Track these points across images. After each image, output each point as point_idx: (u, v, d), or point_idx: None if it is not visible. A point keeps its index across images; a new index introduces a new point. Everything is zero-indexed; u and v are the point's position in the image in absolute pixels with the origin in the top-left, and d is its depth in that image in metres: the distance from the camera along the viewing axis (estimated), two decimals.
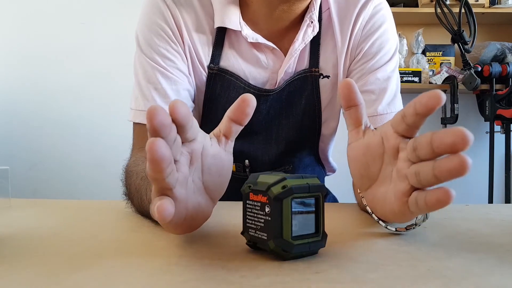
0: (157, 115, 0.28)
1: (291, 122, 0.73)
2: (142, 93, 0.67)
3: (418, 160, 0.33)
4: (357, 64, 0.70)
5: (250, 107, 0.37)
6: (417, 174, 0.33)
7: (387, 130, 0.37)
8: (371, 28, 0.69)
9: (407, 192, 0.35)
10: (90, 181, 2.12)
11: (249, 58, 0.69)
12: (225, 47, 0.69)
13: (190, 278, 0.30)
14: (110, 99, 2.14)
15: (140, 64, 0.68)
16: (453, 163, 0.29)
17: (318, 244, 0.35)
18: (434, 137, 0.31)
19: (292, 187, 0.33)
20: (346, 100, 0.39)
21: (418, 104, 0.33)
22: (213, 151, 0.37)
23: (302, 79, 0.70)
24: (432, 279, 0.30)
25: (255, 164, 0.76)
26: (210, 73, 0.69)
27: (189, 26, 0.67)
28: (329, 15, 0.70)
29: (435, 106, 0.32)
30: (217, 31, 0.68)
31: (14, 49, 2.18)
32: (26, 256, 0.36)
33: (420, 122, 0.34)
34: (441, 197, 0.30)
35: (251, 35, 0.66)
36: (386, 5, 0.72)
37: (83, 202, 0.67)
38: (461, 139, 0.29)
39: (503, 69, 1.93)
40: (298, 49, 0.68)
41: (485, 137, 2.11)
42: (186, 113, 0.31)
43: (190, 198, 0.35)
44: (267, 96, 0.70)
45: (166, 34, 0.66)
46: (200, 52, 0.68)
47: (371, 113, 0.68)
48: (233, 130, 0.39)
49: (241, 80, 0.69)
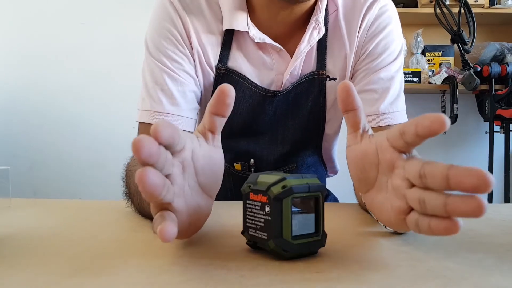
0: (142, 147, 0.28)
1: (297, 123, 0.74)
2: (149, 94, 0.68)
3: (424, 187, 0.32)
4: (361, 63, 0.71)
5: (229, 97, 0.37)
6: (421, 202, 0.31)
7: (382, 142, 0.36)
8: (376, 29, 0.70)
9: (405, 210, 0.34)
10: (90, 181, 2.12)
11: (256, 59, 0.70)
12: (232, 48, 0.70)
13: (190, 278, 0.30)
14: (110, 99, 2.15)
15: (148, 67, 0.69)
16: (470, 206, 0.28)
17: (318, 244, 0.35)
18: (452, 173, 0.29)
19: (292, 187, 0.33)
20: (345, 104, 0.38)
21: (421, 127, 0.32)
22: (203, 151, 0.38)
23: (309, 81, 0.71)
24: (432, 279, 0.30)
25: (260, 163, 0.76)
26: (218, 73, 0.70)
27: (198, 29, 0.68)
28: (336, 17, 0.70)
29: (439, 131, 0.31)
30: (225, 33, 0.69)
31: (14, 49, 2.18)
32: (26, 256, 0.36)
33: (420, 142, 0.33)
34: (450, 227, 0.29)
35: (258, 36, 0.67)
36: (392, 6, 0.72)
37: (83, 202, 0.67)
38: (483, 182, 0.27)
39: (503, 69, 1.93)
40: (303, 51, 0.68)
41: (485, 137, 2.12)
42: (170, 134, 0.31)
43: (189, 204, 0.35)
44: (273, 97, 0.71)
45: (174, 38, 0.67)
46: (208, 53, 0.69)
47: (373, 112, 0.68)
48: (217, 124, 0.39)
49: (247, 80, 0.70)
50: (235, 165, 0.78)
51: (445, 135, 2.10)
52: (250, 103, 0.71)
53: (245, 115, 0.72)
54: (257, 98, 0.71)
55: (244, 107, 0.71)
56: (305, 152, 0.78)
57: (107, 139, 2.12)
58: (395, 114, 0.69)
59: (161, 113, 0.66)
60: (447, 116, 0.31)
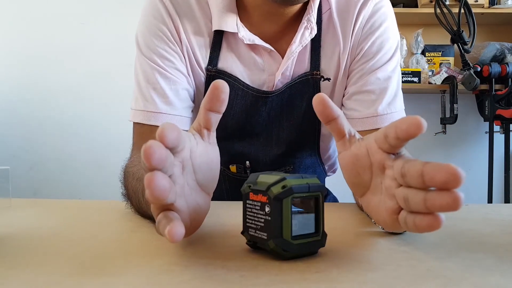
0: (154, 153, 0.28)
1: (292, 124, 0.73)
2: (142, 93, 0.67)
3: (407, 186, 0.33)
4: (357, 63, 0.70)
5: (224, 92, 0.37)
6: (406, 200, 0.32)
7: (371, 145, 0.37)
8: (371, 27, 0.69)
9: (396, 210, 0.35)
10: (90, 181, 2.12)
11: (247, 60, 0.69)
12: (223, 49, 0.69)
13: (190, 278, 0.30)
14: (110, 99, 2.14)
15: (139, 65, 0.68)
16: (446, 200, 0.29)
17: (318, 244, 0.35)
18: (425, 170, 0.30)
19: (292, 186, 0.33)
20: (324, 116, 0.38)
21: (399, 130, 0.33)
22: (200, 149, 0.38)
23: (303, 82, 0.70)
24: (432, 279, 0.30)
25: (256, 165, 0.76)
26: (209, 75, 0.69)
27: (187, 28, 0.67)
28: (330, 16, 0.69)
29: (416, 133, 0.32)
30: (215, 34, 0.68)
31: (14, 49, 2.18)
32: (26, 256, 0.36)
33: (401, 144, 0.34)
34: (432, 223, 0.30)
35: (247, 37, 0.66)
36: (387, 3, 0.71)
37: (83, 202, 0.67)
38: (453, 177, 0.28)
39: (503, 69, 1.93)
40: (295, 51, 0.67)
41: (485, 137, 2.12)
42: (175, 137, 0.31)
43: (189, 203, 0.36)
44: (266, 98, 0.70)
45: (165, 35, 0.67)
46: (198, 54, 0.69)
47: (371, 114, 0.68)
48: (213, 121, 0.39)
49: (239, 81, 0.69)
50: (231, 167, 0.77)
51: (445, 135, 2.10)
52: (243, 104, 0.70)
53: (239, 116, 0.71)
54: (249, 98, 0.70)
55: (237, 108, 0.71)
56: (302, 153, 0.78)
57: (107, 139, 2.12)
58: (394, 114, 0.68)
59: (154, 112, 0.66)
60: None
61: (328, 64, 0.70)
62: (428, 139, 2.17)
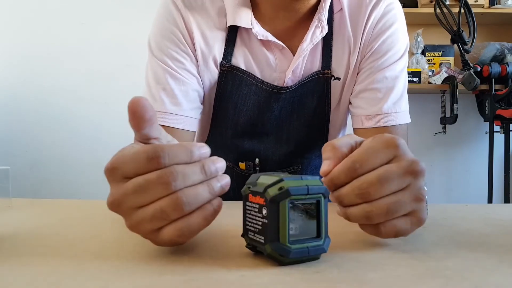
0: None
1: (301, 123, 0.74)
2: (151, 93, 0.68)
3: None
4: (366, 62, 0.70)
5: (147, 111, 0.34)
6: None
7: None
8: (382, 27, 0.69)
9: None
10: (90, 181, 2.12)
11: (258, 56, 0.70)
12: (237, 45, 0.70)
13: (190, 278, 0.30)
14: (110, 99, 2.15)
15: (150, 67, 0.69)
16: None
17: (319, 249, 0.33)
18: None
19: (289, 188, 0.31)
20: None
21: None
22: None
23: (314, 80, 0.71)
24: (432, 279, 0.30)
25: (265, 163, 0.76)
26: (222, 70, 0.70)
27: (201, 26, 0.68)
28: (341, 16, 0.70)
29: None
30: (229, 30, 0.69)
31: (14, 49, 2.18)
32: (26, 256, 0.36)
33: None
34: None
35: (261, 33, 0.67)
36: (398, 5, 0.72)
37: (83, 202, 0.67)
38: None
39: (503, 69, 1.93)
40: (306, 49, 0.68)
41: (485, 137, 2.12)
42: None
43: None
44: (279, 94, 0.71)
45: (176, 37, 0.68)
46: (212, 50, 0.69)
47: (376, 112, 0.68)
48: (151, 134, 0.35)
49: (253, 77, 0.70)
50: (240, 165, 0.77)
51: (445, 135, 2.10)
52: (256, 99, 0.71)
53: (251, 112, 0.72)
54: (263, 94, 0.70)
55: (250, 104, 0.71)
56: (310, 154, 0.78)
57: (107, 139, 2.12)
58: (398, 114, 0.68)
59: (162, 112, 0.66)
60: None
61: (338, 63, 0.71)
62: (428, 139, 2.17)
